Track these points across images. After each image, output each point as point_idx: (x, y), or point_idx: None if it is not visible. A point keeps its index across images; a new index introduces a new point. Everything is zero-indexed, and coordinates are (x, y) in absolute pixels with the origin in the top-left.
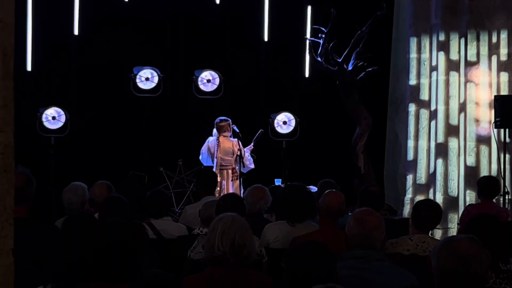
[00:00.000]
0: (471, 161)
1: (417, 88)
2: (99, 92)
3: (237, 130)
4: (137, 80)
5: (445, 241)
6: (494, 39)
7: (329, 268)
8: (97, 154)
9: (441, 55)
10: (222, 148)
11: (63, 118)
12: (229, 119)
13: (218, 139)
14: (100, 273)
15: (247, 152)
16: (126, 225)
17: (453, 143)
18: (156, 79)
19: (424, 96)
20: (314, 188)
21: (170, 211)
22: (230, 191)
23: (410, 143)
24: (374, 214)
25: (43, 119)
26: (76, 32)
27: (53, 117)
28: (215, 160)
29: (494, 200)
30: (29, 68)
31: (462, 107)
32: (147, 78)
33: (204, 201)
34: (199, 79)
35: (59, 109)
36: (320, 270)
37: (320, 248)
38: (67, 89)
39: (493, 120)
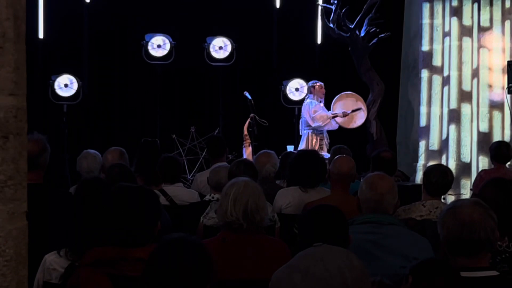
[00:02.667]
0: (484, 127)
1: (429, 54)
2: (111, 59)
3: (249, 97)
4: (149, 47)
5: (449, 208)
6: (508, 4)
7: (341, 231)
8: (109, 121)
9: (454, 20)
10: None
11: (75, 86)
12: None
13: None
14: (113, 237)
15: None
16: (137, 190)
17: (465, 109)
18: (168, 46)
19: (437, 62)
20: (327, 155)
21: (183, 177)
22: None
23: (423, 109)
24: (387, 179)
25: (56, 87)
26: None
27: (65, 84)
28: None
29: (507, 165)
30: (41, 35)
31: (475, 73)
32: (159, 45)
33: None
34: (211, 46)
35: (71, 77)
36: (332, 233)
37: (332, 211)
38: (79, 57)
39: (506, 86)
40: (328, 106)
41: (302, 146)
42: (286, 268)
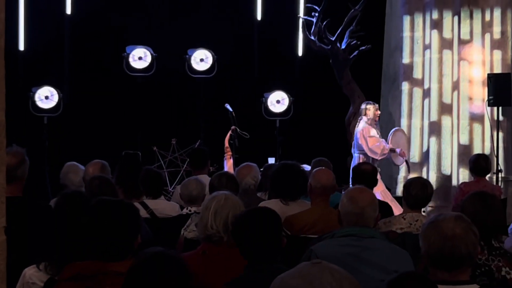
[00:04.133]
0: (464, 139)
1: (410, 67)
2: (92, 71)
3: (230, 109)
4: (130, 59)
5: (431, 221)
6: (488, 17)
7: (274, 234)
8: (90, 133)
9: (434, 33)
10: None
11: (55, 98)
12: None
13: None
14: (93, 251)
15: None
16: (116, 204)
17: (446, 121)
18: (149, 58)
19: (418, 74)
20: (307, 167)
21: (164, 190)
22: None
23: (404, 121)
24: (367, 192)
25: (36, 99)
26: (68, 11)
27: (45, 96)
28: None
29: (487, 178)
30: (21, 47)
31: (456, 85)
32: (140, 57)
33: None
34: (192, 58)
35: (51, 89)
36: (264, 235)
37: (264, 213)
38: (60, 69)
39: (486, 98)
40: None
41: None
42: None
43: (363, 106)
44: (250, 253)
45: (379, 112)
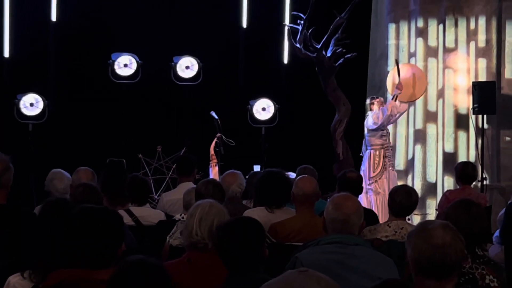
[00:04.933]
0: (449, 147)
1: None
2: (77, 78)
3: (216, 117)
4: (116, 66)
5: (420, 229)
6: (472, 25)
7: (255, 244)
8: (75, 140)
9: (420, 41)
10: None
11: (41, 105)
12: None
13: None
14: (76, 259)
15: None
16: (100, 212)
17: (431, 129)
18: (134, 65)
19: None
20: (292, 175)
21: (149, 197)
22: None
23: (389, 129)
24: (352, 199)
25: (21, 106)
26: (54, 18)
27: (30, 103)
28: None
29: (472, 186)
30: (6, 54)
31: (440, 93)
32: (125, 64)
33: (181, 187)
34: (178, 65)
35: (37, 96)
36: (246, 245)
37: (247, 223)
38: (45, 76)
39: (471, 106)
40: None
41: (364, 166)
42: None
43: (367, 101)
44: (232, 263)
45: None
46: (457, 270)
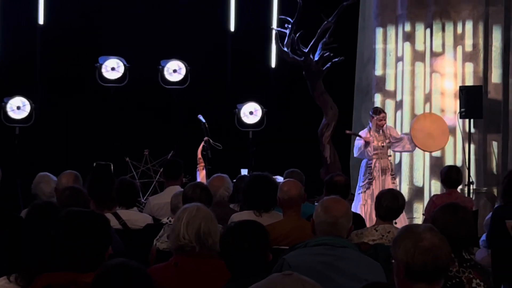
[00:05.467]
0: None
1: (382, 79)
2: (65, 81)
3: (203, 120)
4: (103, 70)
5: (407, 232)
6: (460, 30)
7: (260, 248)
8: (62, 144)
9: (407, 45)
10: None
11: (27, 108)
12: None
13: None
14: (63, 263)
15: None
16: (86, 215)
17: None
18: (122, 69)
19: (390, 86)
20: (280, 178)
21: (137, 201)
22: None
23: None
24: (342, 202)
25: (8, 109)
26: (41, 21)
27: (17, 106)
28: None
29: (459, 190)
30: None
31: (428, 98)
32: (112, 68)
33: (168, 190)
34: (165, 68)
35: (24, 99)
36: (250, 248)
37: (253, 227)
38: (32, 79)
39: (458, 111)
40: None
41: (361, 173)
42: None
43: (370, 112)
44: (236, 266)
45: (383, 122)
46: (446, 273)
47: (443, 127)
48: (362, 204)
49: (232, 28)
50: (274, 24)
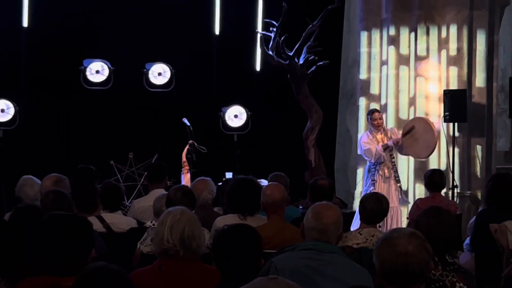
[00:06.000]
0: None
1: (367, 82)
2: (49, 84)
3: (188, 123)
4: (87, 73)
5: (385, 238)
6: (444, 34)
7: (253, 252)
8: (46, 147)
9: (391, 49)
10: None
11: (12, 111)
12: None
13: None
14: (46, 266)
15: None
16: (69, 219)
17: None
18: (106, 72)
19: (374, 90)
20: (264, 182)
21: (121, 204)
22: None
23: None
24: (333, 209)
25: None
26: (25, 24)
27: (1, 109)
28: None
29: (443, 194)
30: None
31: (412, 101)
32: (97, 71)
33: (152, 194)
34: (150, 71)
35: (8, 102)
36: (243, 253)
37: (245, 231)
38: (16, 82)
39: (442, 114)
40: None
41: (366, 176)
42: None
43: (368, 114)
44: (227, 270)
45: (378, 121)
46: (421, 279)
47: (429, 142)
48: None
49: (217, 31)
50: (259, 28)
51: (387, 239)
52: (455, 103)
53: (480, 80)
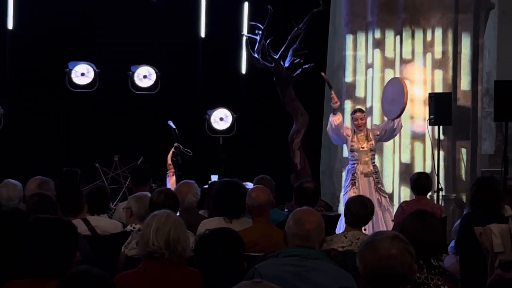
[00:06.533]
0: (405, 158)
1: (353, 85)
2: (34, 86)
3: (174, 126)
4: (73, 75)
5: (368, 241)
6: (429, 37)
7: (236, 255)
8: (32, 149)
9: (377, 52)
10: None
11: None
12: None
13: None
14: (30, 270)
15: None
16: (52, 222)
17: None
18: (91, 74)
19: (360, 93)
20: (250, 185)
21: (107, 207)
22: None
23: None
24: (314, 215)
25: None
26: (10, 26)
27: None
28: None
29: (428, 197)
30: None
31: None
32: (82, 73)
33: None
34: (136, 74)
35: None
36: (226, 256)
37: (228, 234)
38: (1, 84)
39: (427, 117)
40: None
41: (344, 178)
42: None
43: (351, 114)
44: (210, 274)
45: (359, 122)
46: (404, 283)
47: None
48: None
49: (202, 34)
50: (245, 30)
51: (370, 242)
52: (440, 106)
53: (465, 83)
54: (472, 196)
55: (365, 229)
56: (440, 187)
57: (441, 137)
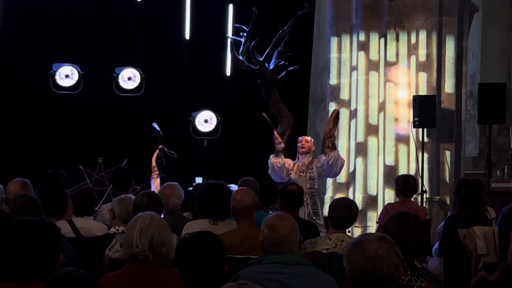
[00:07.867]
0: (390, 160)
1: (337, 88)
2: (18, 88)
3: (158, 128)
4: (57, 77)
5: (355, 242)
6: (413, 40)
7: (216, 259)
8: (15, 151)
9: (361, 55)
10: None
11: None
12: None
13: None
14: (13, 272)
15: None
16: (35, 224)
17: (372, 142)
18: (76, 76)
19: (344, 95)
20: (234, 187)
21: (93, 210)
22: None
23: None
24: (286, 219)
25: None
26: None
27: None
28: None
29: (412, 199)
30: None
31: (382, 107)
32: (67, 75)
33: None
34: (120, 76)
35: None
36: (206, 260)
37: (208, 238)
38: None
39: (411, 120)
40: None
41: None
42: None
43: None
44: (191, 278)
45: (302, 149)
46: (390, 283)
47: None
48: None
49: (187, 36)
50: (229, 33)
51: (357, 243)
52: (424, 108)
53: (449, 86)
54: (461, 200)
55: (349, 231)
56: (424, 189)
57: (425, 139)
